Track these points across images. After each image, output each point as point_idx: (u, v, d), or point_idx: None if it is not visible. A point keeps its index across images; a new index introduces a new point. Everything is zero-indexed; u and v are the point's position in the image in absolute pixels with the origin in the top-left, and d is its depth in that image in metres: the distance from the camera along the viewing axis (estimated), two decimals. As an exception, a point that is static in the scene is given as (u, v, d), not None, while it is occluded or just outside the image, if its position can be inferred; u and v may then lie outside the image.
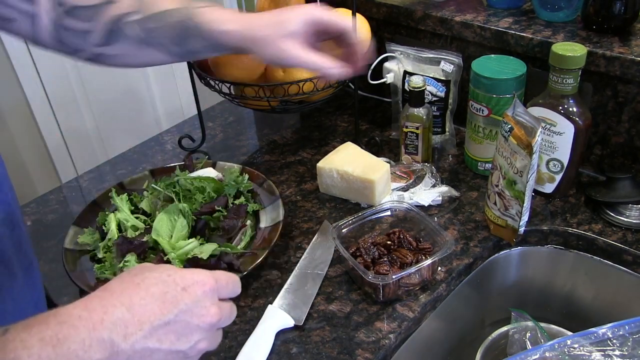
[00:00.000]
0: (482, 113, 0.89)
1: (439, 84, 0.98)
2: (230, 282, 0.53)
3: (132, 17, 0.70)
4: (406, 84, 0.97)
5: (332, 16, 0.72)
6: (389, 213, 0.84)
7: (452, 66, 0.97)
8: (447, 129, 1.04)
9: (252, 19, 0.71)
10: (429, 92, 0.99)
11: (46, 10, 0.68)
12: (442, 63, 0.97)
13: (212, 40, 0.71)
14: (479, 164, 0.95)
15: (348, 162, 0.91)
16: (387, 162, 0.95)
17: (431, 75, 0.98)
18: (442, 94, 0.99)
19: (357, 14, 0.89)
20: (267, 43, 0.70)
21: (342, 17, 0.73)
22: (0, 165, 0.63)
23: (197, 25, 0.71)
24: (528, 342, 0.79)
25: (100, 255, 0.80)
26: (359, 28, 0.71)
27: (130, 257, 0.77)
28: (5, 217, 0.62)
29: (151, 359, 0.46)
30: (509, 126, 0.75)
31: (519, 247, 0.87)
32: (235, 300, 0.68)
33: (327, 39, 0.74)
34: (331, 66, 0.71)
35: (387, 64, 1.04)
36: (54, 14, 0.69)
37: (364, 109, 1.18)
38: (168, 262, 0.76)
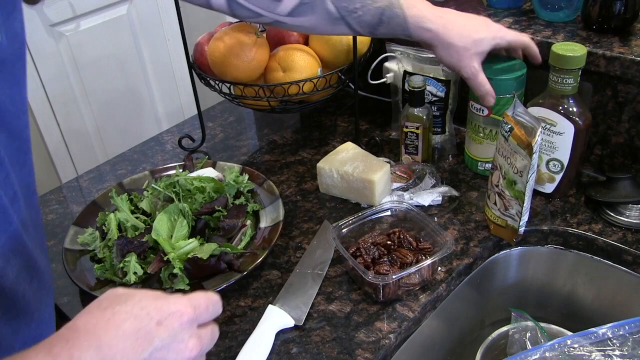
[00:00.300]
0: (482, 113, 0.89)
1: (439, 84, 0.98)
2: (211, 305, 0.48)
3: None
4: (406, 84, 0.97)
5: (514, 37, 0.79)
6: (389, 213, 0.84)
7: (452, 66, 0.97)
8: (447, 129, 1.04)
9: (447, 22, 0.75)
10: (429, 92, 0.99)
11: None
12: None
13: (407, 32, 0.73)
14: (479, 164, 0.95)
15: (348, 162, 0.91)
16: (387, 162, 0.95)
17: (431, 75, 0.98)
18: (442, 94, 0.99)
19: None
20: (458, 53, 0.76)
21: (519, 34, 0.80)
22: (35, 213, 0.56)
23: (398, 15, 0.72)
24: (528, 342, 0.79)
25: (100, 255, 0.80)
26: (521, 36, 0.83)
27: (130, 257, 0.77)
28: (24, 264, 0.55)
29: None
30: (509, 126, 0.75)
31: (519, 247, 0.87)
32: (235, 300, 0.67)
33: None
34: (494, 95, 0.81)
35: (387, 64, 1.04)
36: None
37: (364, 109, 1.18)
38: (168, 262, 0.76)
